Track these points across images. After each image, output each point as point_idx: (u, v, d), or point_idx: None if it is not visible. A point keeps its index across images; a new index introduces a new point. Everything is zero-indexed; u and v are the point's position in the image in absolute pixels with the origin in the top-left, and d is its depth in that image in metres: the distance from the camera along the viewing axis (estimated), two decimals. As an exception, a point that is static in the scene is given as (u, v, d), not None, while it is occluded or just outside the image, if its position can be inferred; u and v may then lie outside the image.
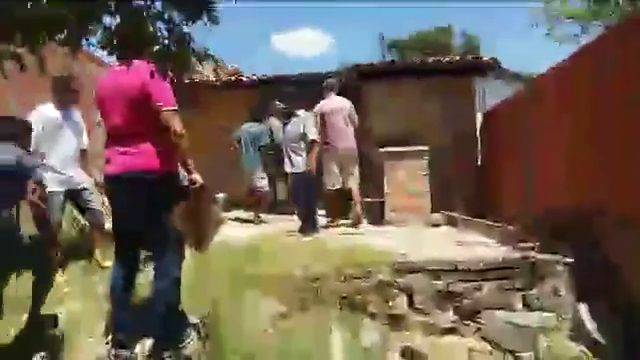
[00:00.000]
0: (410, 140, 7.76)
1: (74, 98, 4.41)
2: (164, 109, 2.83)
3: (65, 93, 4.32)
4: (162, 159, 2.88)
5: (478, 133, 8.56)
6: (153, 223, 2.87)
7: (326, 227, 6.42)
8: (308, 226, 5.86)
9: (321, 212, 6.54)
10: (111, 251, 3.18)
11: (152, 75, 2.81)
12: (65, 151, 4.27)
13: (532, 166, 5.90)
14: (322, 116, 6.42)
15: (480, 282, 4.04)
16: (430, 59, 8.30)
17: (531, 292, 3.99)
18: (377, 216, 7.08)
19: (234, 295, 3.81)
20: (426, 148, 7.01)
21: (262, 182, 7.21)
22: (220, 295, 3.72)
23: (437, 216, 7.08)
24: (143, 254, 3.44)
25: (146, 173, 2.85)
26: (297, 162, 5.97)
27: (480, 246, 4.75)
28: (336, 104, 6.53)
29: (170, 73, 2.76)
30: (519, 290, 4.02)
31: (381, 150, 7.19)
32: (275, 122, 7.32)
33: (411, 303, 4.04)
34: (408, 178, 6.96)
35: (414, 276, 4.08)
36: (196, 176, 2.98)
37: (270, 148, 7.33)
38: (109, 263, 3.79)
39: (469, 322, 4.01)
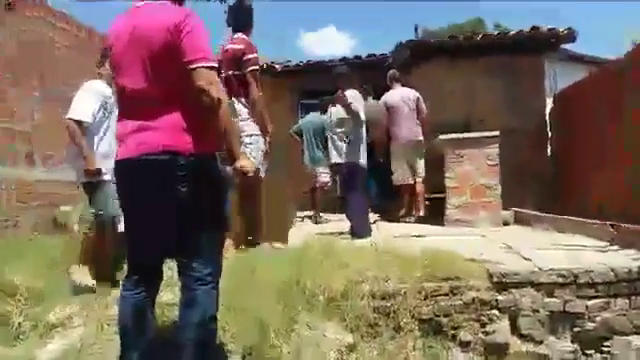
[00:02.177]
0: (472, 126, 6.79)
1: None
2: (198, 64, 1.97)
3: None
4: (196, 136, 2.03)
5: (548, 118, 7.49)
6: (185, 228, 2.03)
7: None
8: (360, 226, 4.94)
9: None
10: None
11: (185, 19, 2.00)
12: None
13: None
14: (387, 107, 6.37)
15: (608, 299, 3.06)
16: (495, 32, 7.21)
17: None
18: (437, 214, 6.10)
19: (286, 319, 2.94)
20: (496, 133, 5.98)
21: (326, 178, 6.54)
22: (269, 319, 2.86)
23: (505, 213, 6.06)
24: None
25: (172, 155, 1.99)
26: (344, 150, 5.08)
27: (589, 250, 3.74)
28: (402, 94, 6.45)
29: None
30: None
31: (442, 137, 6.20)
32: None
33: (515, 328, 3.08)
34: (475, 170, 5.95)
35: (519, 292, 3.11)
36: (245, 162, 2.12)
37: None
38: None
39: (593, 352, 3.04)
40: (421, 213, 6.42)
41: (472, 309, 3.11)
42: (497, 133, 5.98)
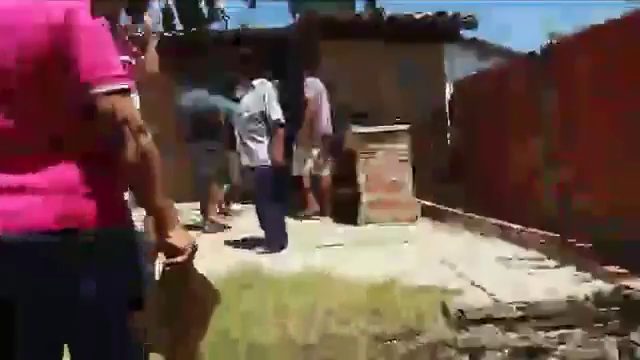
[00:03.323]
0: (371, 115, 6.47)
1: None
2: (102, 87, 1.19)
3: None
4: (99, 201, 1.23)
5: (448, 107, 7.47)
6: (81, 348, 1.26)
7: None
8: (274, 238, 4.37)
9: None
10: None
11: (80, 17, 1.18)
12: None
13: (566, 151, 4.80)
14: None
15: (563, 330, 2.88)
16: (402, 14, 6.89)
17: (629, 338, 2.91)
18: (349, 213, 5.73)
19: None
20: (406, 127, 5.71)
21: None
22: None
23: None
24: None
25: (67, 234, 1.20)
26: (257, 152, 4.39)
27: (529, 268, 3.58)
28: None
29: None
30: (612, 335, 2.92)
31: (354, 130, 5.79)
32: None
33: (476, 368, 2.78)
34: (387, 165, 5.65)
35: (478, 329, 2.80)
36: (177, 235, 1.36)
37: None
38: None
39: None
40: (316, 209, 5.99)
41: (431, 353, 2.73)
42: (407, 127, 5.73)
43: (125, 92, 1.22)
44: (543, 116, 5.11)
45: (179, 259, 1.29)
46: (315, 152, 5.90)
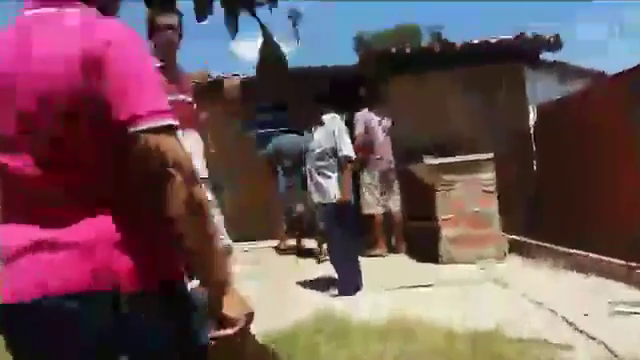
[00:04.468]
0: (449, 147, 6.08)
1: None
2: (141, 125, 0.99)
3: None
4: (141, 261, 1.01)
5: (533, 134, 6.91)
6: None
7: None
8: (345, 280, 4.07)
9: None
10: None
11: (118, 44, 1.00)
12: None
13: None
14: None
15: None
16: (474, 41, 6.53)
17: None
18: (427, 250, 5.33)
19: None
20: (490, 156, 5.29)
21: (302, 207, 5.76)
22: None
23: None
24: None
25: (105, 294, 0.99)
26: (328, 188, 4.16)
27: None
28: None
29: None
30: None
31: (428, 162, 5.44)
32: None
33: None
34: (469, 197, 5.22)
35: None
36: (230, 302, 1.10)
37: None
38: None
39: None
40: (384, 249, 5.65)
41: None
42: (491, 156, 5.30)
43: (171, 130, 1.01)
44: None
45: (229, 331, 1.04)
46: (375, 187, 5.65)
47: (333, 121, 4.29)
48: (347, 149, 4.16)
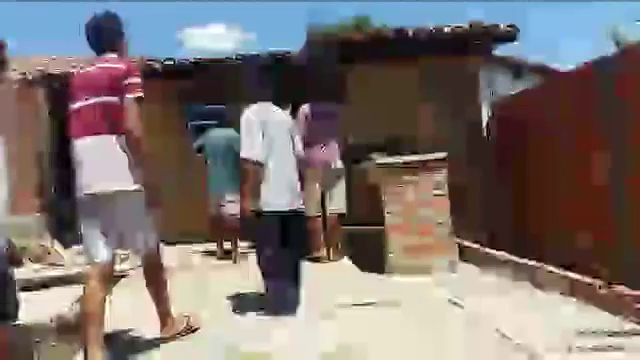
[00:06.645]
0: (396, 144, 5.60)
1: None
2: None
3: None
4: None
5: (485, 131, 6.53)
6: None
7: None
8: (274, 299, 3.38)
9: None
10: None
11: None
12: None
13: None
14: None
15: None
16: (430, 27, 6.01)
17: None
18: (374, 258, 4.77)
19: None
20: (443, 155, 4.79)
21: (236, 207, 4.90)
22: None
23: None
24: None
25: None
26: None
27: (610, 340, 2.55)
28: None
29: None
30: None
31: (377, 160, 4.88)
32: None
33: None
34: (420, 201, 4.71)
35: None
36: None
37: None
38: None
39: None
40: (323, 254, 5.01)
41: None
42: (444, 155, 4.80)
43: None
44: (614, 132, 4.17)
45: None
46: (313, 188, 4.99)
47: (244, 115, 3.53)
48: (242, 149, 3.36)
